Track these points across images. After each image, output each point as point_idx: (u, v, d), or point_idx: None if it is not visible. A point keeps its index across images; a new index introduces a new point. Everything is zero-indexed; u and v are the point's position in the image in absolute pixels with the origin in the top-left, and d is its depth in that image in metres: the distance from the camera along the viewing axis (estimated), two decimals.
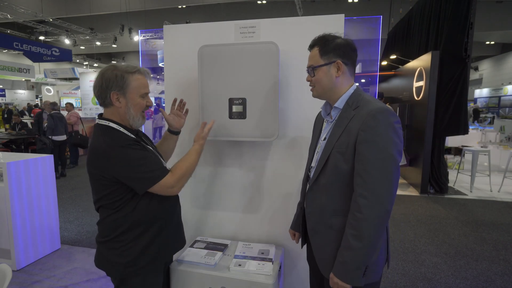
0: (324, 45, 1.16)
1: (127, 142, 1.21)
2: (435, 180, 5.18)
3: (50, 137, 6.14)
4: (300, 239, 1.44)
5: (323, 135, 1.25)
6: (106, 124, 1.25)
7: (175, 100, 1.56)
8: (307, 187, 1.28)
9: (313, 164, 1.27)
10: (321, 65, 1.17)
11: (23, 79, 16.15)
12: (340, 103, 1.18)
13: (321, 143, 1.24)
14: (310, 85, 1.24)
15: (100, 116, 1.29)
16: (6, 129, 9.96)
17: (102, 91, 1.23)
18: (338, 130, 1.15)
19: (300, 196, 1.42)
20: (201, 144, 1.45)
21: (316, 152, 1.27)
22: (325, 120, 1.28)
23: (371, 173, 1.03)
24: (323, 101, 1.28)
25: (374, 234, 1.04)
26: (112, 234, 1.26)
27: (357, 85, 1.21)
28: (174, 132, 1.56)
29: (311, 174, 1.26)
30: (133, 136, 1.27)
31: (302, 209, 1.37)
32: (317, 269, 1.28)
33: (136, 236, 1.26)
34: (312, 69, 1.20)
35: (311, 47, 1.21)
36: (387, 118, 1.05)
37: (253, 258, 1.61)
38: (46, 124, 6.16)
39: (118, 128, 1.25)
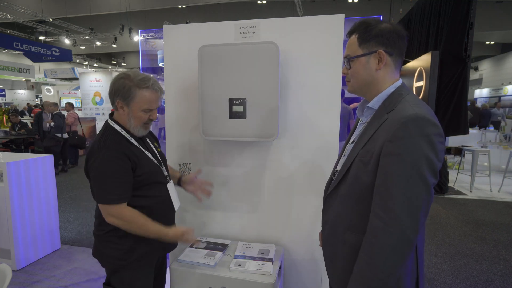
0: (365, 31, 0.97)
1: (116, 151, 1.24)
2: None
3: (59, 135, 6.28)
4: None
5: (353, 137, 1.10)
6: (112, 124, 1.31)
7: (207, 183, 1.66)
8: (327, 192, 1.13)
9: (338, 167, 1.10)
10: (359, 55, 0.99)
11: (23, 79, 16.16)
12: (375, 103, 1.00)
13: (349, 146, 1.09)
14: (346, 79, 1.06)
15: (111, 115, 1.36)
16: None
17: (111, 96, 1.31)
18: (366, 135, 0.98)
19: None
20: (170, 236, 1.31)
21: (343, 155, 1.12)
22: (360, 119, 1.12)
23: (392, 193, 0.86)
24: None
25: (389, 265, 0.87)
26: (106, 229, 1.32)
27: (401, 82, 1.01)
28: (180, 184, 1.65)
29: (334, 179, 1.11)
30: (133, 141, 1.32)
31: None
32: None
33: (126, 232, 1.30)
34: (348, 60, 1.01)
35: (350, 33, 1.02)
36: (422, 128, 0.85)
37: (253, 258, 1.61)
38: (53, 123, 6.24)
39: (120, 131, 1.30)
